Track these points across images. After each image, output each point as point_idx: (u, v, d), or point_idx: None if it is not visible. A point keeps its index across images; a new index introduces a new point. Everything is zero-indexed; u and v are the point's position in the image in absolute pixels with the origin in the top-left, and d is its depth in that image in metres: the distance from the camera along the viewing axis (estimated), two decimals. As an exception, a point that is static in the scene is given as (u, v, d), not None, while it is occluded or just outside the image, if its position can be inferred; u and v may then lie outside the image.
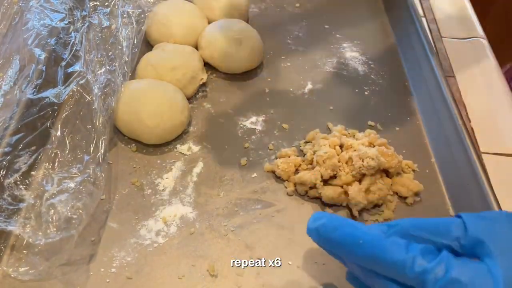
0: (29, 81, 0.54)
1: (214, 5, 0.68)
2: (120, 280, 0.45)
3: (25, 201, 0.48)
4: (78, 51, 0.57)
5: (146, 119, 0.53)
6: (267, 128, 0.59)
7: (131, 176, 0.53)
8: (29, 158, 0.51)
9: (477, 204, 0.49)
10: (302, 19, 0.75)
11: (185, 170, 0.54)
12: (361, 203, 0.49)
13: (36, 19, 0.59)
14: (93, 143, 0.51)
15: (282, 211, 0.51)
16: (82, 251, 0.47)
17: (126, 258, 0.46)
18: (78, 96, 0.54)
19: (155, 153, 0.56)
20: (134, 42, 0.60)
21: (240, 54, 0.63)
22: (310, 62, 0.68)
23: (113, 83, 0.55)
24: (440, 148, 0.58)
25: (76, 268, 0.46)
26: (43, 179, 0.49)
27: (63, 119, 0.53)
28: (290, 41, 0.71)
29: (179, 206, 0.51)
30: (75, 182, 0.48)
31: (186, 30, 0.64)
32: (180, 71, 0.59)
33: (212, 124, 0.59)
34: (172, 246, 0.48)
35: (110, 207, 0.50)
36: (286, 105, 0.62)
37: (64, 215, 0.45)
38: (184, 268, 0.46)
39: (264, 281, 0.46)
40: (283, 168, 0.53)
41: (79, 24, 0.60)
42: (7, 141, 0.50)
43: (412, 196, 0.52)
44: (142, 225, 0.49)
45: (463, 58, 0.70)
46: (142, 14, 0.63)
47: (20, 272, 0.44)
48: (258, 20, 0.74)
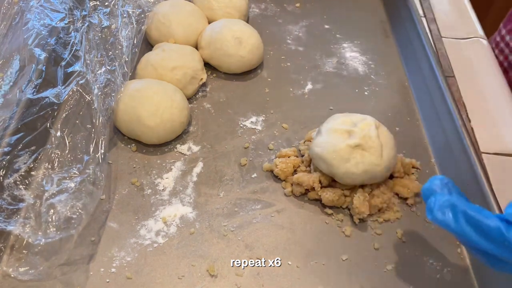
0: (29, 81, 0.54)
1: (214, 5, 0.68)
2: (120, 280, 0.45)
3: (25, 201, 0.48)
4: (78, 51, 0.57)
5: (146, 119, 0.53)
6: (267, 128, 0.59)
7: (131, 176, 0.53)
8: (29, 158, 0.51)
9: (477, 204, 0.49)
10: (302, 19, 0.75)
11: (185, 170, 0.54)
12: (364, 213, 0.49)
13: (36, 19, 0.59)
14: (92, 143, 0.51)
15: (281, 211, 0.51)
16: (82, 251, 0.47)
17: (126, 258, 0.46)
18: (78, 96, 0.54)
19: (155, 153, 0.56)
20: (134, 42, 0.60)
21: (240, 54, 0.63)
22: (310, 62, 0.68)
23: (113, 83, 0.55)
24: (440, 148, 0.58)
25: (75, 268, 0.46)
26: (42, 179, 0.49)
27: (63, 119, 0.53)
28: (290, 41, 0.71)
29: (179, 206, 0.51)
30: (74, 182, 0.48)
31: (186, 30, 0.64)
32: (180, 71, 0.59)
33: (212, 124, 0.59)
34: (172, 246, 0.48)
35: (110, 207, 0.50)
36: (286, 105, 0.62)
37: (64, 215, 0.45)
38: (184, 268, 0.46)
39: (264, 281, 0.46)
40: (281, 168, 0.53)
41: (79, 24, 0.60)
42: (7, 141, 0.50)
43: (413, 197, 0.52)
44: (142, 225, 0.49)
45: (463, 58, 0.70)
46: (142, 14, 0.63)
47: (20, 272, 0.44)
48: (258, 20, 0.74)
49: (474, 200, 0.50)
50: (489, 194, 0.49)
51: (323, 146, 0.49)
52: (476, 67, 0.69)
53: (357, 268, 0.47)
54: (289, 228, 0.50)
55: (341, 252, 0.48)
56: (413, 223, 0.51)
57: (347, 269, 0.47)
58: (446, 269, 0.47)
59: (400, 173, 0.53)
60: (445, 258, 0.48)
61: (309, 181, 0.51)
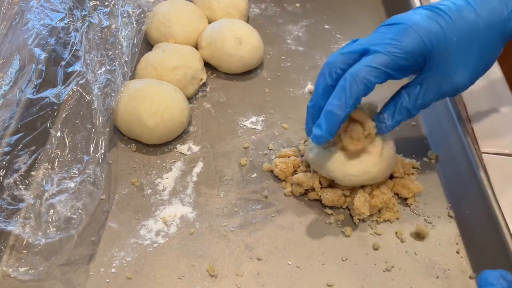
0: (29, 81, 0.54)
1: (214, 5, 0.68)
2: (120, 280, 0.45)
3: (25, 201, 0.48)
4: (78, 50, 0.57)
5: (146, 119, 0.53)
6: (267, 128, 0.59)
7: (131, 176, 0.53)
8: (29, 158, 0.51)
9: (477, 204, 0.50)
10: (302, 19, 0.75)
11: (185, 170, 0.54)
12: (364, 214, 0.49)
13: (36, 19, 0.59)
14: (92, 143, 0.51)
15: (281, 212, 0.51)
16: (82, 251, 0.47)
17: (126, 258, 0.46)
18: (78, 96, 0.54)
19: (155, 153, 0.56)
20: (134, 42, 0.60)
21: (240, 54, 0.62)
22: (310, 62, 0.68)
23: (113, 83, 0.55)
24: (440, 148, 0.58)
25: (75, 268, 0.46)
26: (42, 179, 0.49)
27: (63, 119, 0.53)
28: (290, 41, 0.71)
29: (179, 206, 0.51)
30: (74, 182, 0.48)
31: (186, 30, 0.64)
32: (180, 71, 0.59)
33: (212, 124, 0.59)
34: (172, 246, 0.48)
35: (110, 207, 0.50)
36: (286, 105, 0.62)
37: (64, 215, 0.45)
38: (184, 268, 0.46)
39: (263, 281, 0.46)
40: (281, 168, 0.53)
41: (79, 24, 0.60)
42: (6, 141, 0.50)
43: (413, 197, 0.52)
44: (142, 225, 0.49)
45: (463, 58, 0.70)
46: (142, 14, 0.63)
47: (20, 272, 0.44)
48: (258, 20, 0.74)
49: (474, 200, 0.50)
50: (489, 194, 0.49)
51: (315, 152, 0.49)
52: (476, 67, 0.68)
53: (357, 268, 0.47)
54: (289, 228, 0.50)
55: (341, 252, 0.48)
56: (413, 223, 0.51)
57: (347, 269, 0.47)
58: (445, 270, 0.47)
59: (400, 173, 0.53)
60: (444, 259, 0.48)
61: (309, 181, 0.51)
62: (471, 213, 0.50)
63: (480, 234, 0.48)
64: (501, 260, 0.45)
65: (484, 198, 0.49)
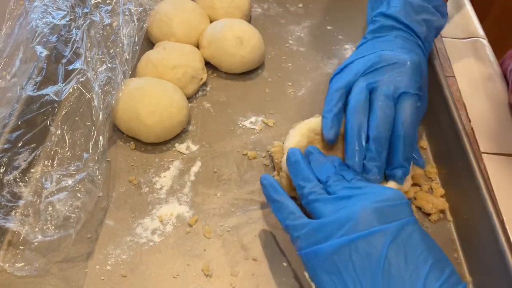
0: (30, 78, 0.54)
1: (216, 4, 0.68)
2: (114, 278, 0.45)
3: (24, 198, 0.48)
4: (79, 48, 0.57)
5: (145, 117, 0.53)
6: (267, 128, 0.59)
7: (128, 174, 0.53)
8: (29, 155, 0.51)
9: (476, 204, 0.49)
10: (304, 20, 0.75)
11: (183, 169, 0.54)
12: None
13: (39, 17, 0.59)
14: (92, 140, 0.51)
15: (278, 212, 0.51)
16: (78, 248, 0.47)
17: (121, 256, 0.47)
18: (78, 93, 0.54)
19: (154, 151, 0.56)
20: (135, 40, 0.60)
21: (241, 54, 0.62)
22: (311, 63, 0.68)
23: (113, 81, 0.55)
24: (440, 148, 0.57)
25: (72, 265, 0.46)
26: (42, 177, 0.49)
27: (63, 116, 0.53)
28: (292, 42, 0.71)
29: (175, 205, 0.51)
30: (73, 179, 0.48)
31: (188, 29, 0.64)
32: (181, 70, 0.59)
33: (212, 124, 0.59)
34: (168, 245, 0.48)
35: (107, 204, 0.51)
36: (286, 106, 0.62)
37: (63, 213, 0.45)
38: (179, 267, 0.46)
39: (258, 282, 0.46)
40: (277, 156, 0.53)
41: (80, 22, 0.60)
42: (6, 137, 0.50)
43: (437, 213, 0.51)
44: (138, 223, 0.49)
45: (463, 58, 0.70)
46: (144, 12, 0.63)
47: (16, 268, 0.44)
48: (260, 20, 0.74)
49: (473, 200, 0.50)
50: (489, 194, 0.48)
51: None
52: (476, 67, 0.68)
53: (352, 270, 0.47)
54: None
55: (337, 254, 0.48)
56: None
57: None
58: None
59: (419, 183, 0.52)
60: (441, 262, 0.48)
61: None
62: (468, 216, 0.50)
63: (477, 237, 0.48)
64: (498, 264, 0.44)
65: (484, 198, 0.48)
